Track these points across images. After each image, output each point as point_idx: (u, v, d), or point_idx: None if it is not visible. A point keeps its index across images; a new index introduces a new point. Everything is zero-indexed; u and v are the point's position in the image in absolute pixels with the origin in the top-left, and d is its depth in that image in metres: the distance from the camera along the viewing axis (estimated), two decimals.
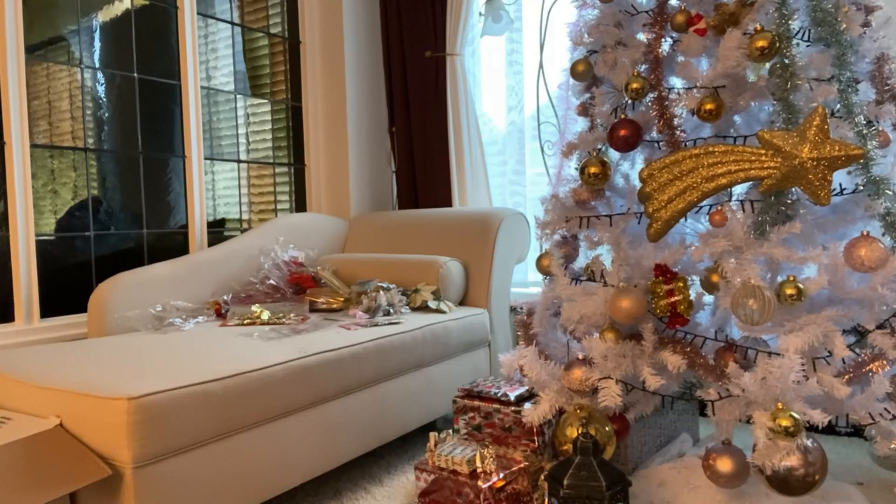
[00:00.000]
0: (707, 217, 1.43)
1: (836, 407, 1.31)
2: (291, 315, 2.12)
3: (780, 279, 1.33)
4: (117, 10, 2.41)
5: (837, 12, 1.40)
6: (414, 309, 2.29)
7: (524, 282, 2.91)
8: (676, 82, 1.56)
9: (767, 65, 1.36)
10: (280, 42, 3.03)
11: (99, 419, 1.29)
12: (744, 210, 1.40)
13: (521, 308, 1.77)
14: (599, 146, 1.61)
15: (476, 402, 1.72)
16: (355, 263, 2.57)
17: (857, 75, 1.45)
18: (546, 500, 1.38)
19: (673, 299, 1.38)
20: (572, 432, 1.44)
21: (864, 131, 1.35)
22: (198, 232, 2.63)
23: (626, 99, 1.53)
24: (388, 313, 2.19)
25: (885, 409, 1.31)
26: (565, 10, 2.65)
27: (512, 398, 1.67)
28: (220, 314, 2.21)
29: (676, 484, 1.55)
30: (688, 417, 1.96)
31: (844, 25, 1.40)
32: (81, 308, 2.27)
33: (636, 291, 1.42)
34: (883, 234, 1.35)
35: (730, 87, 1.44)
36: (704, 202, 1.40)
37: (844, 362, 1.32)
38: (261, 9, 2.95)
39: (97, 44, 2.35)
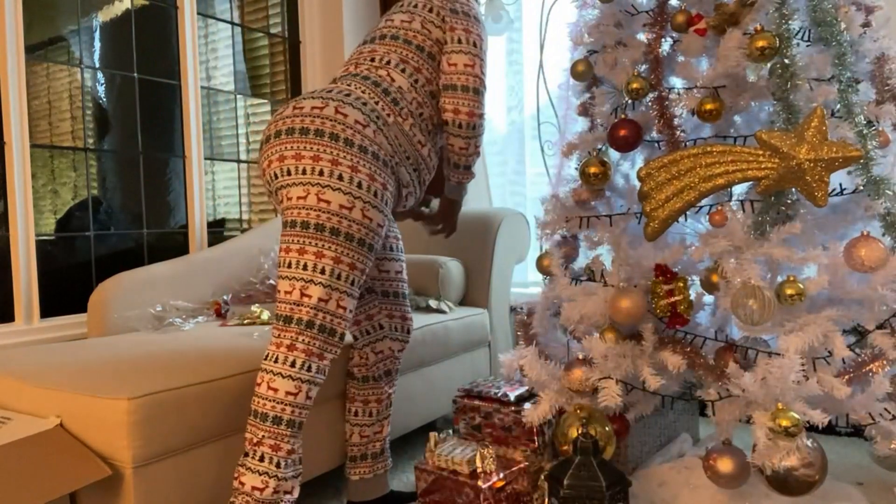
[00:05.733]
0: (707, 217, 1.43)
1: (836, 407, 1.31)
2: None
3: (780, 279, 1.33)
4: (117, 10, 2.41)
5: (837, 12, 1.40)
6: (414, 309, 2.29)
7: (524, 282, 2.91)
8: (676, 82, 1.55)
9: (767, 65, 1.36)
10: (280, 42, 3.03)
11: (99, 419, 1.29)
12: (744, 210, 1.40)
13: (521, 308, 1.77)
14: (599, 146, 1.61)
15: (476, 402, 1.72)
16: None
17: (858, 75, 1.45)
18: (546, 500, 1.38)
19: (673, 299, 1.38)
20: (572, 432, 1.44)
21: (865, 131, 1.35)
22: (198, 232, 2.63)
23: (627, 99, 1.53)
24: None
25: (885, 409, 1.31)
26: (565, 10, 2.65)
27: (512, 398, 1.67)
28: (220, 314, 2.21)
29: (676, 484, 1.55)
30: (688, 417, 1.96)
31: (844, 25, 1.40)
32: (81, 308, 2.27)
33: (636, 291, 1.42)
34: (883, 234, 1.35)
35: (730, 87, 1.44)
36: (704, 202, 1.40)
37: (844, 362, 1.32)
38: (261, 9, 2.95)
39: (97, 44, 2.35)
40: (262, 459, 1.30)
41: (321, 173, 1.35)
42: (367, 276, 1.62)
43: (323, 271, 1.35)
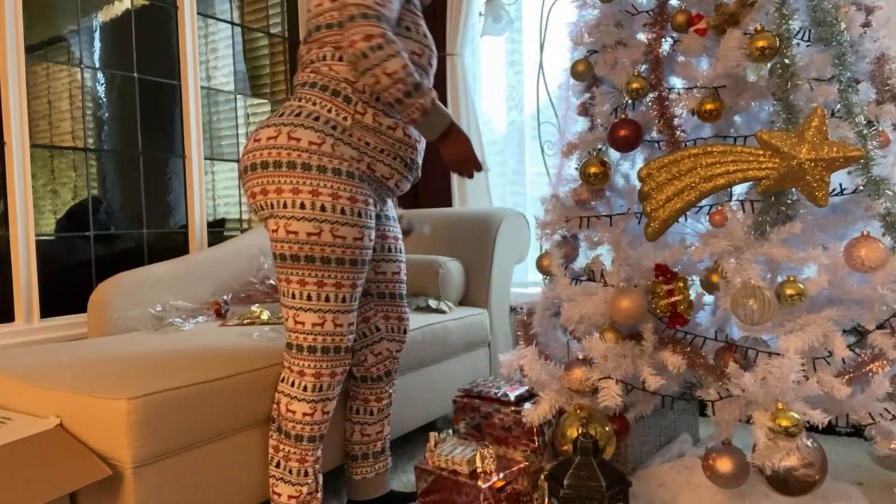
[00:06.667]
0: (707, 217, 1.43)
1: (836, 407, 1.31)
2: None
3: (780, 279, 1.33)
4: (117, 10, 2.41)
5: (837, 12, 1.40)
6: (414, 309, 2.29)
7: (524, 282, 2.91)
8: (677, 82, 1.56)
9: (768, 65, 1.36)
10: (280, 42, 3.03)
11: (99, 419, 1.29)
12: (744, 210, 1.40)
13: (521, 308, 1.77)
14: (599, 146, 1.61)
15: (476, 402, 1.72)
16: None
17: (858, 75, 1.45)
18: (546, 500, 1.38)
19: (673, 299, 1.38)
20: (572, 432, 1.44)
21: (865, 131, 1.35)
22: (198, 232, 2.63)
23: (627, 99, 1.53)
24: None
25: (885, 409, 1.31)
26: (565, 10, 2.65)
27: (512, 398, 1.67)
28: (220, 314, 2.21)
29: (676, 484, 1.55)
30: (688, 417, 1.96)
31: (844, 25, 1.40)
32: (81, 308, 2.27)
33: (636, 291, 1.42)
34: (883, 234, 1.35)
35: (730, 87, 1.44)
36: (704, 202, 1.40)
37: (844, 362, 1.32)
38: (261, 9, 2.95)
39: (97, 44, 2.35)
40: (291, 472, 1.45)
41: (285, 205, 1.38)
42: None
43: (309, 297, 1.40)
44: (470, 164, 1.48)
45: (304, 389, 1.42)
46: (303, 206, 1.37)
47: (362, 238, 1.43)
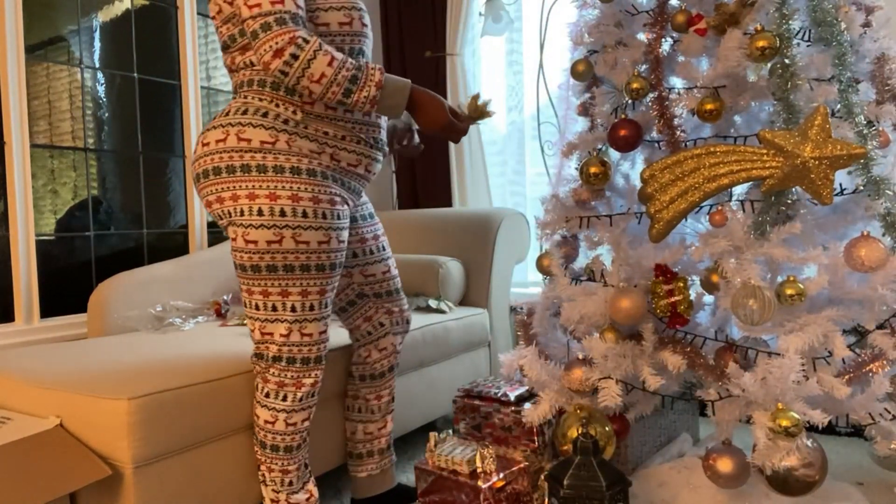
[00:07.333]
0: (707, 217, 1.43)
1: (836, 407, 1.31)
2: None
3: (780, 279, 1.33)
4: (117, 10, 2.41)
5: (837, 12, 1.40)
6: (414, 309, 2.29)
7: (524, 282, 2.91)
8: (677, 82, 1.56)
9: (768, 65, 1.36)
10: None
11: (99, 419, 1.29)
12: (744, 210, 1.40)
13: (521, 308, 1.77)
14: (599, 146, 1.61)
15: (476, 402, 1.72)
16: None
17: (858, 75, 1.45)
18: (546, 500, 1.38)
19: (673, 299, 1.38)
20: (572, 432, 1.44)
21: (865, 131, 1.35)
22: (198, 232, 2.63)
23: (627, 99, 1.53)
24: None
25: (885, 409, 1.31)
26: (565, 10, 2.65)
27: (512, 398, 1.67)
28: (220, 314, 2.21)
29: (676, 484, 1.55)
30: (688, 417, 1.96)
31: (845, 25, 1.40)
32: (81, 308, 2.27)
33: (636, 291, 1.42)
34: (883, 234, 1.35)
35: (730, 87, 1.44)
36: (705, 202, 1.40)
37: (844, 362, 1.32)
38: None
39: (97, 44, 2.35)
40: (264, 476, 1.43)
41: (241, 213, 1.30)
42: (354, 283, 1.60)
43: (274, 308, 1.34)
44: (451, 131, 1.40)
45: (267, 396, 1.37)
46: (261, 213, 1.28)
47: (328, 241, 1.34)
